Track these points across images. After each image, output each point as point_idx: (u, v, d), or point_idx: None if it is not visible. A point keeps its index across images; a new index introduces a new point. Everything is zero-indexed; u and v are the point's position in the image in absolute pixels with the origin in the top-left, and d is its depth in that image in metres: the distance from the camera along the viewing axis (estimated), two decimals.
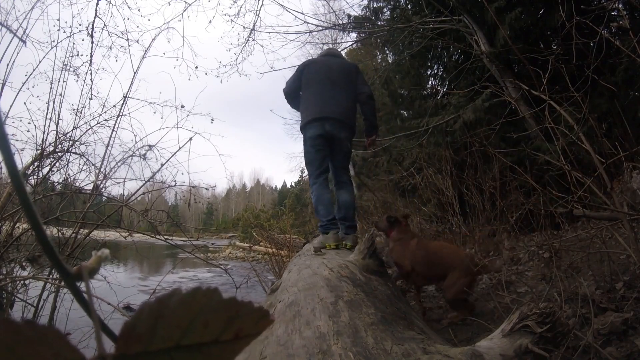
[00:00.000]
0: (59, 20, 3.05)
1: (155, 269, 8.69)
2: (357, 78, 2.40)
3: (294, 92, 2.44)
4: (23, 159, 2.55)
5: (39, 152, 2.49)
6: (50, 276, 2.35)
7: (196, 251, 2.60)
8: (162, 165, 2.74)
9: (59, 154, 2.62)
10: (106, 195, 2.78)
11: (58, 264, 0.19)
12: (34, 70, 2.61)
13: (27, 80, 2.56)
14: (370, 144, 2.56)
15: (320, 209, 2.22)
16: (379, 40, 6.64)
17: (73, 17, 3.35)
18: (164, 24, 3.85)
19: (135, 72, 2.92)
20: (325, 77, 2.31)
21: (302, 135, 2.42)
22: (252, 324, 0.19)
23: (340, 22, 6.88)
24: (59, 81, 2.68)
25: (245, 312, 0.19)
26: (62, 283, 2.20)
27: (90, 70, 2.97)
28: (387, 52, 7.70)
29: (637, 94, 3.88)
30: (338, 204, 2.34)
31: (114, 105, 2.83)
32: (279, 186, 50.99)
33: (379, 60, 9.88)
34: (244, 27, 6.28)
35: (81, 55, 3.04)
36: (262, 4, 6.17)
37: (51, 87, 2.63)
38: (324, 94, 2.27)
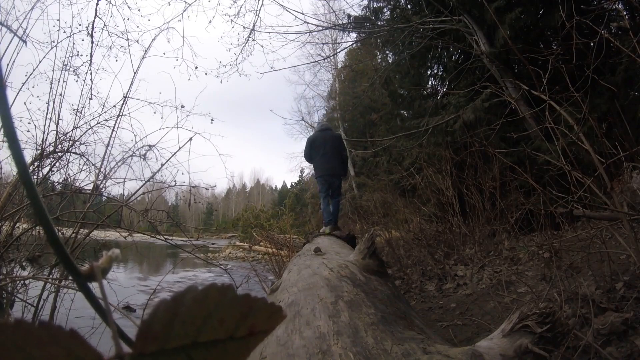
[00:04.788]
0: (59, 20, 3.04)
1: (155, 269, 8.69)
2: (341, 145, 4.17)
3: (310, 157, 4.23)
4: None
5: (39, 152, 2.48)
6: (50, 276, 2.35)
7: (196, 251, 2.60)
8: (162, 165, 2.73)
9: (59, 154, 2.61)
10: (106, 195, 2.78)
11: (68, 264, 0.19)
12: (34, 70, 2.60)
13: (27, 80, 2.55)
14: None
15: (324, 214, 4.15)
16: (379, 40, 6.64)
17: (73, 17, 3.34)
18: (164, 24, 3.85)
19: (135, 72, 2.91)
20: (325, 151, 4.06)
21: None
22: (265, 320, 0.19)
23: (340, 22, 6.89)
24: (59, 81, 2.67)
25: (258, 308, 0.19)
26: (63, 283, 2.20)
27: (90, 70, 2.96)
28: (387, 52, 7.70)
29: (637, 94, 3.88)
30: (330, 210, 4.14)
31: (114, 105, 2.82)
32: (279, 186, 50.93)
33: (379, 60, 9.88)
34: (244, 27, 6.31)
35: (81, 55, 3.03)
36: (262, 4, 6.19)
37: (51, 87, 2.62)
38: (324, 161, 4.06)
